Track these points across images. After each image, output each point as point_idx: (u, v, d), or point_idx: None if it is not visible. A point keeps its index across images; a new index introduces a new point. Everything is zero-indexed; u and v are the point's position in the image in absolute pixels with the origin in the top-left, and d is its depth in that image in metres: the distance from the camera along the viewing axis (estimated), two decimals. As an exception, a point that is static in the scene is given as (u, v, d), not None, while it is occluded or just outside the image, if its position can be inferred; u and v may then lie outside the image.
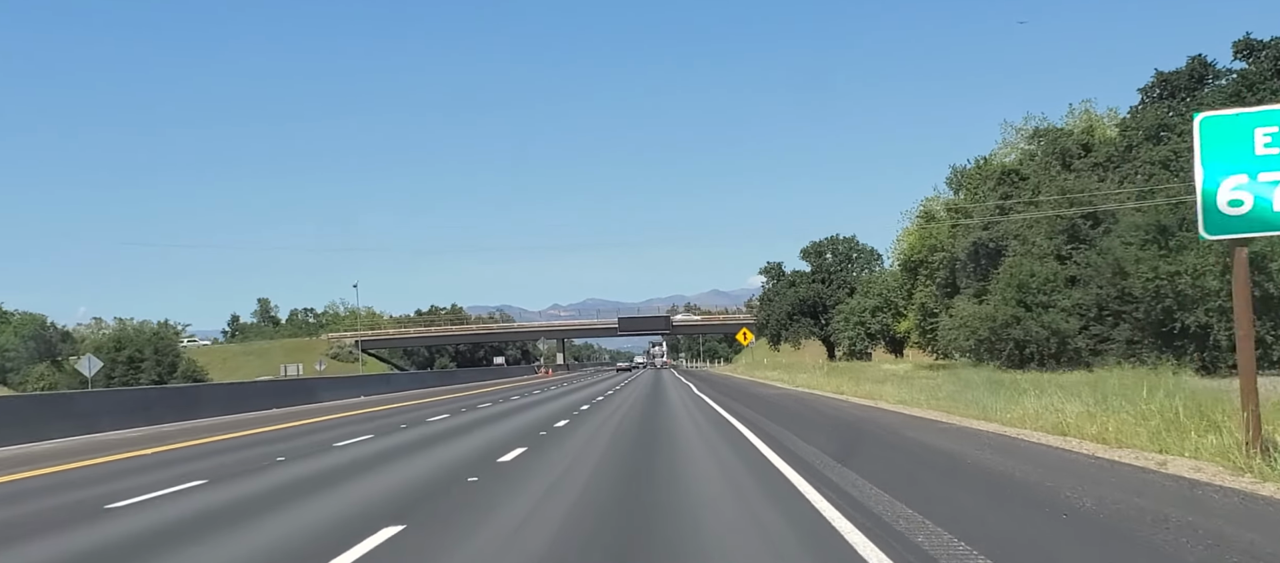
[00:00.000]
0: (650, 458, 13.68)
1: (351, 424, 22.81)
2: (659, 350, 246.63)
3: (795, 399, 24.59)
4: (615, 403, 29.44)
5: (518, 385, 59.30)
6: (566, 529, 8.18)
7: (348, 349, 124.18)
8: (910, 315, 64.14)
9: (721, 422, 19.32)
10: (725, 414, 21.50)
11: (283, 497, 10.83)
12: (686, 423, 19.66)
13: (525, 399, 35.57)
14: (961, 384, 22.38)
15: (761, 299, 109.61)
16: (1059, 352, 35.95)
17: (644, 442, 15.96)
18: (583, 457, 14.08)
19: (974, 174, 55.58)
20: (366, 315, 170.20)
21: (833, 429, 16.47)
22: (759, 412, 22.01)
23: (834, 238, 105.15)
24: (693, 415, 22.17)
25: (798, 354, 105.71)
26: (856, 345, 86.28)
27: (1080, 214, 40.06)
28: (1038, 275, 37.85)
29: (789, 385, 35.74)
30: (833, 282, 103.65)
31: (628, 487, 10.80)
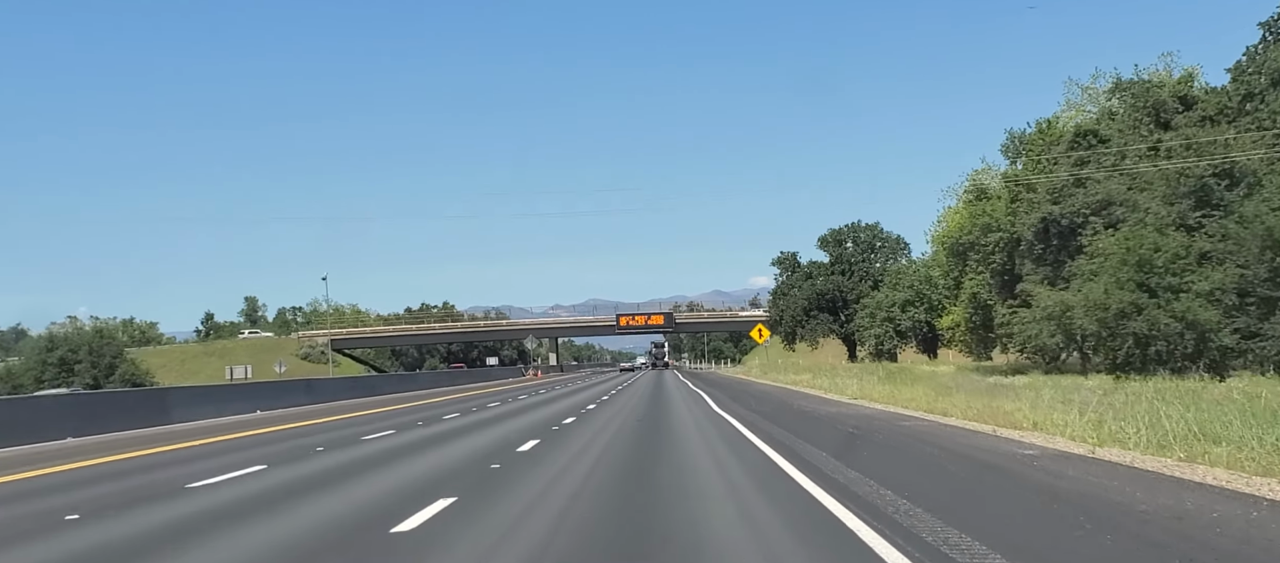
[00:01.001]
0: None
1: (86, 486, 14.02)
2: (660, 350, 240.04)
3: (900, 432, 16.23)
4: (591, 429, 21.62)
5: (494, 391, 51.77)
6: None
7: (319, 349, 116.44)
8: (956, 309, 56.33)
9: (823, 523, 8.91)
10: (818, 495, 9.96)
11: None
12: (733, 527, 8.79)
13: (480, 414, 27.88)
14: (1130, 398, 14.62)
15: (774, 293, 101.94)
16: (1197, 351, 28.14)
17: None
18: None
19: (1036, 140, 47.78)
20: (352, 314, 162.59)
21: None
22: (881, 476, 11.27)
23: (855, 225, 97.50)
24: (737, 489, 10.75)
25: (815, 354, 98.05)
26: (884, 344, 78.50)
27: (1210, 171, 32.23)
28: (1164, 250, 29.98)
29: (838, 396, 27.82)
30: (854, 273, 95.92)
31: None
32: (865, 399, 25.19)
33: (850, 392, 25.91)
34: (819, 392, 29.48)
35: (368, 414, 30.57)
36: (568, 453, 15.36)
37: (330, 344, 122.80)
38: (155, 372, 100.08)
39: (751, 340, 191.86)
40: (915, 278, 76.45)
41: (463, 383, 68.46)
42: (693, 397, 32.98)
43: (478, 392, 51.47)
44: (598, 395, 39.04)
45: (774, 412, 22.73)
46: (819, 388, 32.62)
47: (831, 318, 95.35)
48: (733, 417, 21.53)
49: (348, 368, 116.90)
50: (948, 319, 59.76)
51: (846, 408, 23.08)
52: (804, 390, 32.11)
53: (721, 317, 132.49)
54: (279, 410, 34.93)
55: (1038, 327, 34.32)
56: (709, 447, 15.63)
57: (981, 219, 48.97)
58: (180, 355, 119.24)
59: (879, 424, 17.75)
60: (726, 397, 31.04)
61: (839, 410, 22.10)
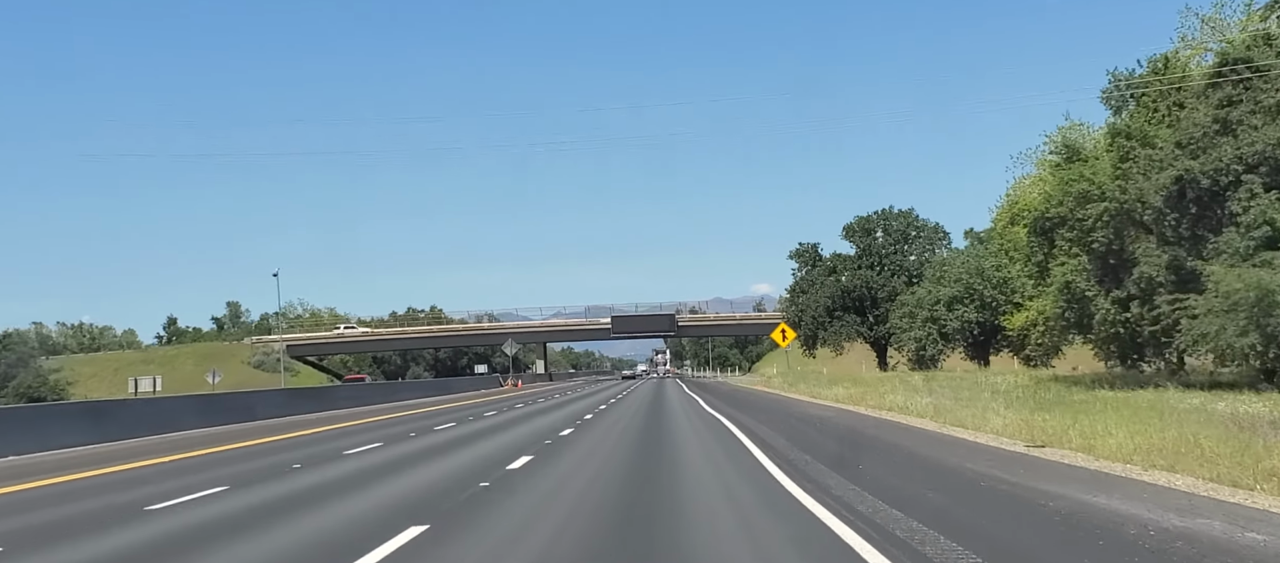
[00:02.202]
0: None
1: None
2: (662, 357, 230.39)
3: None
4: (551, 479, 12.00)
5: (454, 408, 42.38)
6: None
7: (275, 357, 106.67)
8: (1039, 301, 46.52)
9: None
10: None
11: None
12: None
13: (387, 451, 18.36)
14: None
15: (791, 291, 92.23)
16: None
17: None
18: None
19: (1153, 82, 38.06)
20: (330, 318, 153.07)
21: None
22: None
23: (886, 212, 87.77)
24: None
25: (838, 361, 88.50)
26: (926, 349, 68.76)
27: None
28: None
29: (980, 436, 17.61)
30: (885, 267, 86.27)
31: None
32: (999, 437, 15.55)
33: (992, 427, 16.00)
34: (921, 421, 19.38)
35: (239, 447, 20.98)
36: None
37: (287, 350, 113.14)
38: (82, 381, 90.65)
39: (760, 346, 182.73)
40: (964, 270, 66.76)
41: (420, 397, 58.89)
42: (712, 430, 22.92)
43: (431, 409, 41.84)
44: (574, 417, 29.37)
45: (944, 494, 12.86)
46: (905, 411, 22.59)
47: (858, 319, 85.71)
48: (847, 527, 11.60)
49: (306, 378, 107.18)
50: (1020, 318, 49.88)
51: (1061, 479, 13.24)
52: (895, 420, 21.27)
53: (729, 320, 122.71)
54: (153, 438, 25.32)
55: (1218, 322, 24.61)
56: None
57: (1076, 186, 39.13)
58: (115, 364, 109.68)
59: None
60: (777, 436, 21.09)
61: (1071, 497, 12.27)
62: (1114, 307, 37.75)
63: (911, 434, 16.58)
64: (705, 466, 14.62)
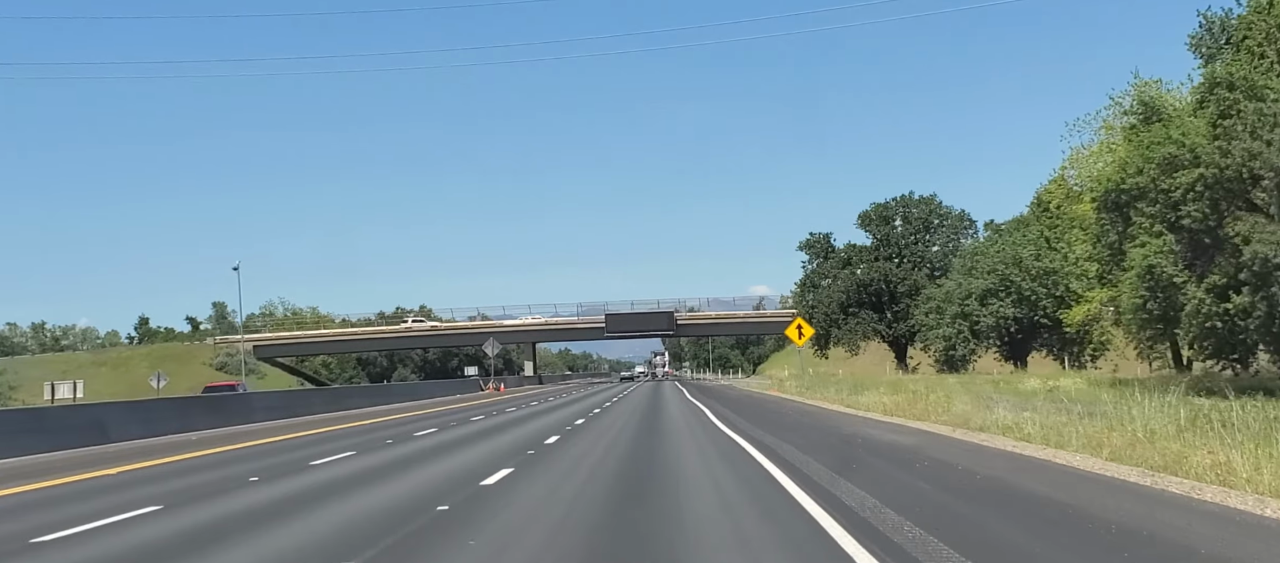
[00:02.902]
0: None
1: None
2: (660, 359, 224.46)
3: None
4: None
5: (415, 416, 36.47)
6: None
7: (240, 358, 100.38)
8: (1103, 291, 40.38)
9: None
10: None
11: None
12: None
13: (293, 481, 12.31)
14: None
15: (801, 285, 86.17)
16: None
17: None
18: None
19: (1257, 23, 31.95)
20: (312, 318, 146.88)
21: None
22: None
23: (905, 198, 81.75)
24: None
25: (853, 362, 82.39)
26: (956, 348, 62.71)
27: None
28: None
29: (1101, 468, 11.53)
30: (905, 259, 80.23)
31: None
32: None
33: (1245, 476, 9.93)
34: (1073, 458, 13.00)
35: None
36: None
37: (254, 352, 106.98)
38: (26, 385, 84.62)
39: (762, 347, 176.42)
40: (998, 260, 60.66)
41: (382, 402, 52.81)
42: (737, 471, 16.59)
43: (385, 419, 35.74)
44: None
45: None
46: (1018, 435, 16.20)
47: (875, 315, 79.70)
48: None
49: (273, 381, 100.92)
50: (1079, 312, 43.65)
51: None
52: (1023, 453, 14.68)
53: (732, 317, 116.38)
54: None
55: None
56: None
57: (1161, 150, 32.99)
58: (63, 366, 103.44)
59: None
60: (861, 491, 14.74)
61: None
62: (1209, 296, 31.74)
63: (1131, 498, 10.13)
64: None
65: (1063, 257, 58.72)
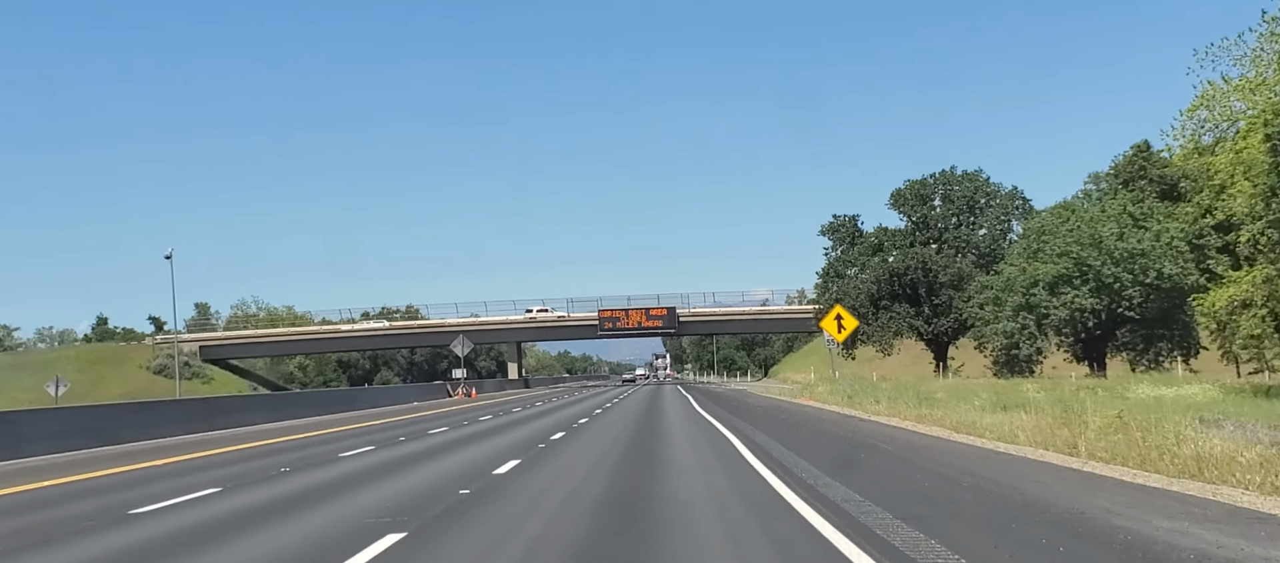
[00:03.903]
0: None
1: None
2: (661, 361, 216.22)
3: None
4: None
5: (347, 432, 27.35)
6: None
7: (184, 361, 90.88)
8: (1258, 269, 30.83)
9: None
10: None
11: None
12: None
13: None
14: None
15: (824, 275, 76.71)
16: None
17: None
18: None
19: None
20: (288, 316, 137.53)
21: None
22: None
23: (946, 173, 72.35)
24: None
25: (886, 363, 73.01)
26: (1020, 347, 53.30)
27: None
28: None
29: None
30: (946, 243, 70.76)
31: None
32: None
33: None
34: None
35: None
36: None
37: (201, 353, 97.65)
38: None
39: (769, 348, 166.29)
40: (1073, 240, 51.24)
41: (322, 412, 43.48)
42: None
43: (292, 438, 26.39)
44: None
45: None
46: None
47: (911, 309, 70.25)
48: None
49: (221, 385, 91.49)
50: (1222, 295, 34.01)
51: None
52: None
53: (744, 313, 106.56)
54: None
55: None
56: None
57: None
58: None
59: None
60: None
61: None
62: None
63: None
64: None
65: (1155, 235, 49.36)
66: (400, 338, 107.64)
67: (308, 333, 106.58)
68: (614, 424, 29.64)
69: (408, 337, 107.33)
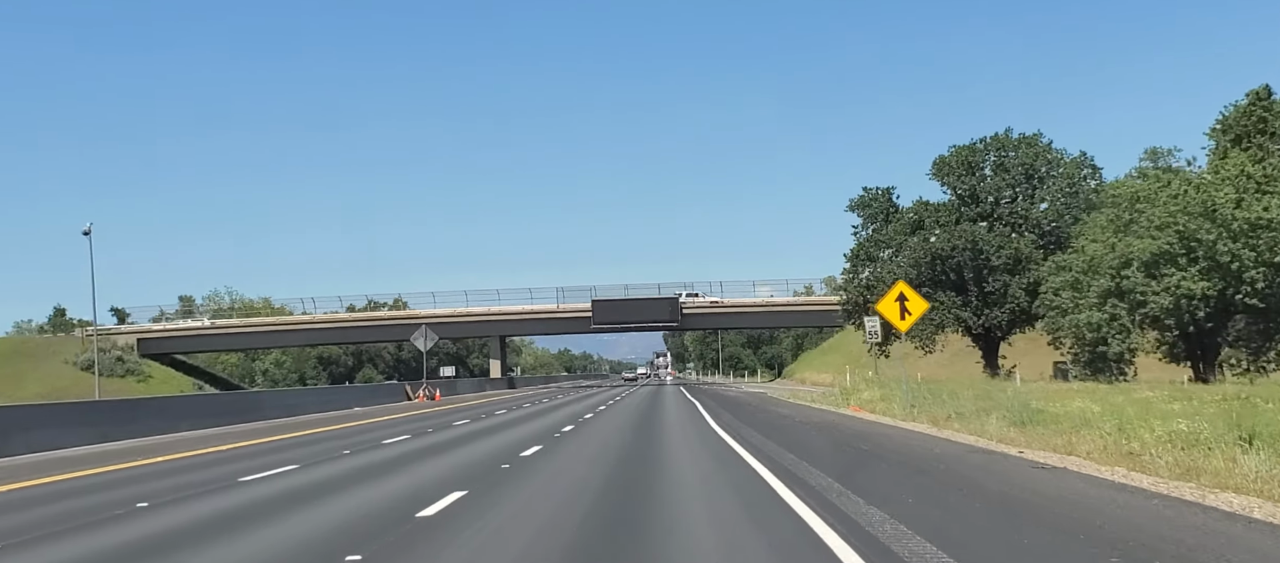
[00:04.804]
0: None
1: None
2: (663, 360, 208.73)
3: None
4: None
5: (228, 452, 18.38)
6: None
7: (116, 356, 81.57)
8: None
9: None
10: None
11: None
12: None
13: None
14: None
15: (852, 257, 67.40)
16: None
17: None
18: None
19: None
20: (264, 307, 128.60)
21: None
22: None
23: (1000, 138, 62.92)
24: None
25: (926, 362, 63.81)
26: (1108, 343, 43.94)
27: None
28: None
29: None
30: (1000, 220, 61.44)
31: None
32: None
33: None
34: None
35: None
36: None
37: (138, 347, 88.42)
38: None
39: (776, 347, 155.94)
40: (1179, 208, 41.83)
41: (254, 418, 34.53)
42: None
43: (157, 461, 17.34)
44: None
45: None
46: None
47: (957, 298, 60.78)
48: None
49: (160, 384, 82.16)
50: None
51: None
52: None
53: (758, 306, 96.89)
54: None
55: None
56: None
57: None
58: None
59: None
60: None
61: None
62: None
63: None
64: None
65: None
66: (361, 331, 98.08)
67: (258, 324, 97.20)
68: (601, 439, 20.46)
69: (370, 330, 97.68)
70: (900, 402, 31.27)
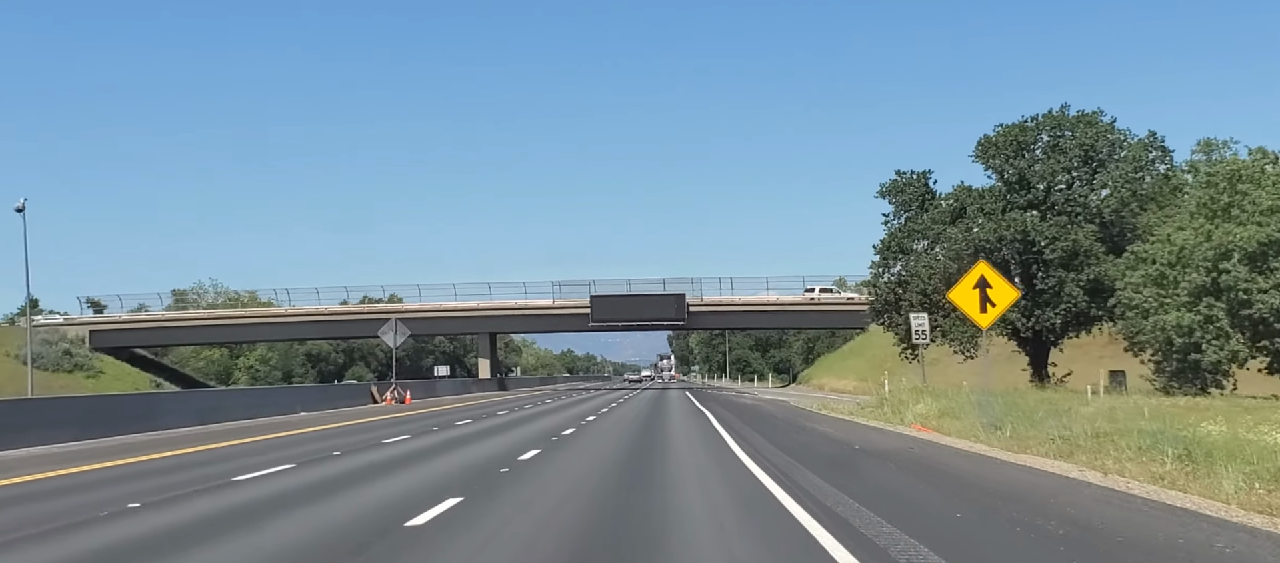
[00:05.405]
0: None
1: None
2: (666, 362, 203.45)
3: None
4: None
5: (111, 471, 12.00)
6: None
7: (63, 349, 74.91)
8: None
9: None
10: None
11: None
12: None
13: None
14: None
15: (882, 249, 60.79)
16: None
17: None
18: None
19: None
20: (250, 300, 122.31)
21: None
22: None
23: (1055, 116, 56.08)
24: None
25: (961, 370, 57.13)
26: (1203, 351, 37.23)
27: None
28: None
29: None
30: (1054, 208, 54.69)
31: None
32: None
33: None
34: None
35: None
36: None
37: (91, 339, 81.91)
38: None
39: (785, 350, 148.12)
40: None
41: (207, 421, 28.38)
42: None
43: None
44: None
45: None
46: None
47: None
48: None
49: (111, 380, 75.51)
50: None
51: None
52: None
53: (770, 304, 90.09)
54: None
55: None
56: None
57: None
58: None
59: None
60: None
61: None
62: None
63: None
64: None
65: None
66: (337, 325, 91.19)
67: (218, 317, 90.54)
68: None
69: (346, 324, 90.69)
70: (974, 419, 24.59)
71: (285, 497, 13.49)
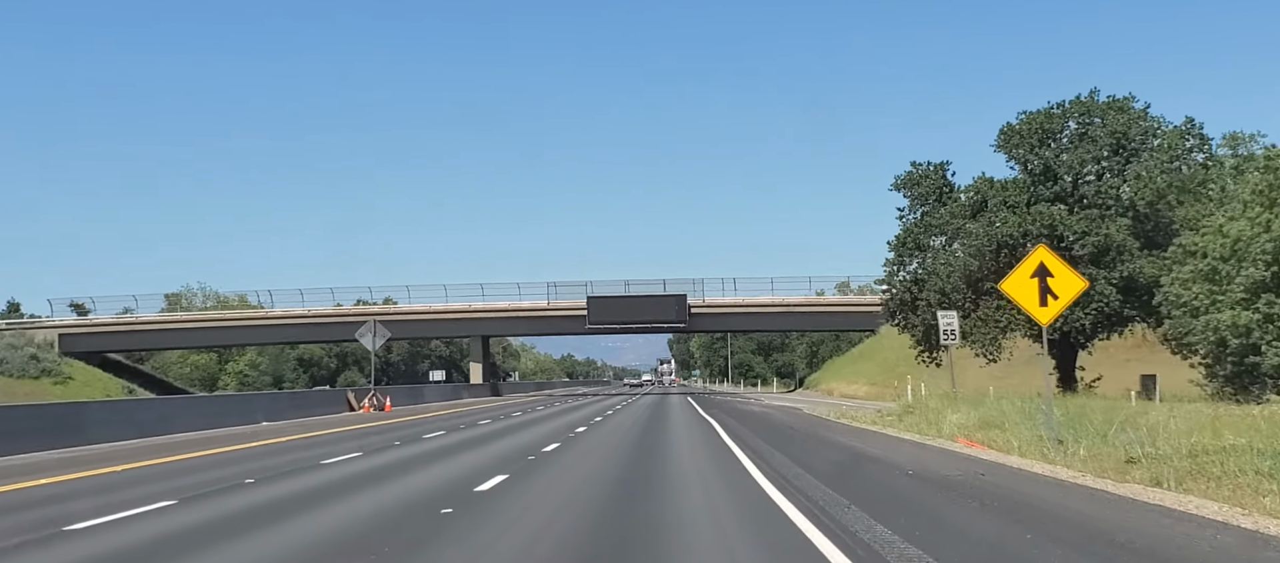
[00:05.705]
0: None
1: None
2: (667, 367, 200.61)
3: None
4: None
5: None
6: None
7: (29, 353, 71.30)
8: None
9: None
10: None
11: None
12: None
13: None
14: None
15: (896, 245, 57.39)
16: None
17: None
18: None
19: None
20: (240, 303, 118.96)
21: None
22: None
23: (1083, 101, 52.68)
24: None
25: (983, 374, 53.70)
26: (1262, 353, 33.65)
27: None
28: None
29: None
30: (1083, 200, 51.20)
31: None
32: None
33: None
34: None
35: None
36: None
37: (60, 343, 78.49)
38: None
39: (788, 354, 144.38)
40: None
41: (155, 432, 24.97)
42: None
43: None
44: None
45: None
46: None
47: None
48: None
49: (80, 386, 71.94)
50: None
51: None
52: None
53: (774, 306, 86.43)
54: None
55: None
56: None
57: None
58: None
59: None
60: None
61: None
62: None
63: None
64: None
65: None
66: (319, 328, 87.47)
67: (190, 320, 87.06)
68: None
69: (328, 326, 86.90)
70: (1024, 431, 20.99)
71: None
